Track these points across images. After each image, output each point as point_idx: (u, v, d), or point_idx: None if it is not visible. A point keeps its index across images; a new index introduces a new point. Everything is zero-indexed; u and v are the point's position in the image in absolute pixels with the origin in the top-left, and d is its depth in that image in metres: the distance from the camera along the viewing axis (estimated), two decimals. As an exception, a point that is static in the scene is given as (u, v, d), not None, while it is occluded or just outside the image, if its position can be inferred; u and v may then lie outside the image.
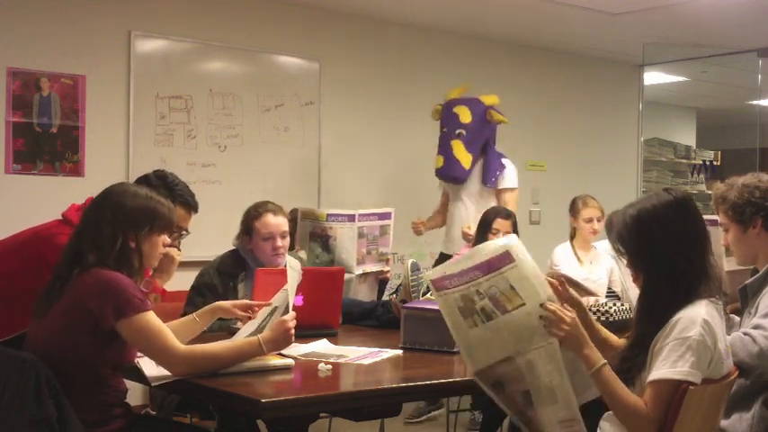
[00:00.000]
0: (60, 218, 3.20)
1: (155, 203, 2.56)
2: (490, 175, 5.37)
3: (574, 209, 4.85)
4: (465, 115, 5.46)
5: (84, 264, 2.43)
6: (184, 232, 3.22)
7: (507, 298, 2.24)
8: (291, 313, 2.60)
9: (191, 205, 3.26)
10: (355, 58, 6.22)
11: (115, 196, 2.54)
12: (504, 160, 5.44)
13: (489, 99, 5.54)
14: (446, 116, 5.55)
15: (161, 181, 3.20)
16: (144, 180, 3.20)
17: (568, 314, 2.22)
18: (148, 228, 2.53)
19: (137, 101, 5.25)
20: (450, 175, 5.43)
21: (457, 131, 5.44)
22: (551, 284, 2.35)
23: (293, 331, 2.59)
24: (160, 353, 2.40)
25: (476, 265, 2.30)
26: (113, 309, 2.35)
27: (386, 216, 4.19)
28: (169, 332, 2.42)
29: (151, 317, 2.39)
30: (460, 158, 5.36)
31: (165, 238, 2.64)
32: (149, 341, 2.39)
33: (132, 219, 2.50)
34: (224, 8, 5.63)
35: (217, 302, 2.97)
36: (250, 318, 2.92)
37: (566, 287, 2.46)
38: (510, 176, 5.39)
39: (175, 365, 2.40)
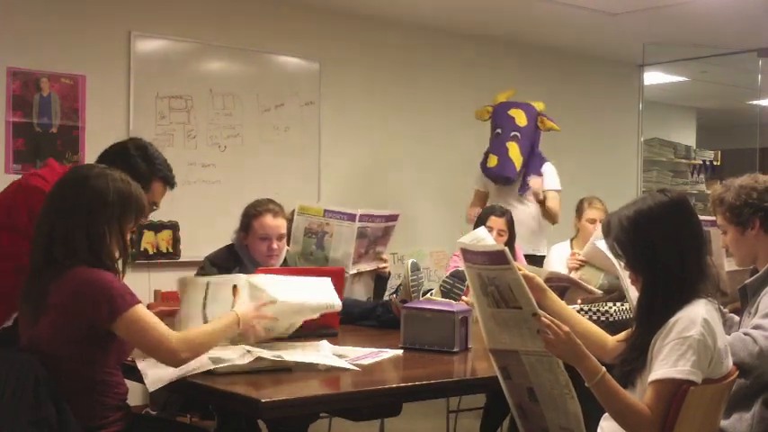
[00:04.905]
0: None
1: (137, 190, 2.46)
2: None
3: (579, 209, 4.93)
4: (521, 118, 5.52)
5: (61, 262, 2.33)
6: (155, 207, 3.06)
7: (510, 293, 2.24)
8: (269, 309, 2.66)
9: (169, 181, 3.08)
10: (355, 58, 6.22)
11: (94, 181, 2.39)
12: (546, 164, 5.49)
13: (539, 105, 5.63)
14: (500, 118, 5.57)
15: (140, 151, 3.00)
16: (120, 149, 3.01)
17: (563, 328, 2.17)
18: (134, 218, 2.45)
19: (137, 101, 5.24)
20: (503, 174, 5.44)
21: (512, 133, 5.47)
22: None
23: (264, 322, 2.65)
24: (156, 343, 2.35)
25: (482, 251, 2.30)
26: (107, 309, 2.30)
27: (393, 218, 4.12)
28: (160, 322, 2.37)
29: (142, 309, 2.35)
30: (514, 160, 5.41)
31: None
32: (144, 334, 2.33)
33: (119, 209, 2.40)
34: (224, 8, 5.63)
35: None
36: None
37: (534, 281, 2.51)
38: (552, 178, 5.44)
39: (173, 352, 2.35)
